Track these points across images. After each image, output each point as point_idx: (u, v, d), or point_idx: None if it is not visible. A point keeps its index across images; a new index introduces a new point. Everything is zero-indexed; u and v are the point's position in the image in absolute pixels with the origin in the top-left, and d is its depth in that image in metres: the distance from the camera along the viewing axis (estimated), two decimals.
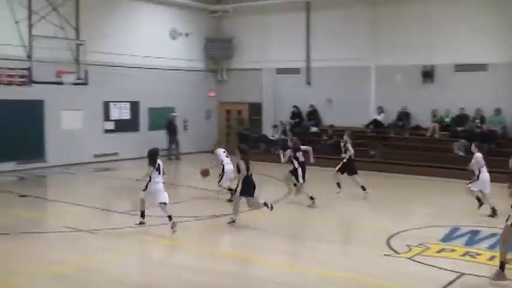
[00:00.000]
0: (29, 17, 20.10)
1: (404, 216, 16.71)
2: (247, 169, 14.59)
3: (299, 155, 17.42)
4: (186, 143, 29.66)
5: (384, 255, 12.00)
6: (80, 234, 14.04)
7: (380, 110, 27.85)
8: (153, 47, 29.80)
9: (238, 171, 14.97)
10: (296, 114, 29.97)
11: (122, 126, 28.22)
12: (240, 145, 16.34)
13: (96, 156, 24.81)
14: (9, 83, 23.55)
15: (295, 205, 17.60)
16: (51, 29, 21.00)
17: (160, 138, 29.08)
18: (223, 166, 17.76)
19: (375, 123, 27.75)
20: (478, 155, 16.14)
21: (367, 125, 27.81)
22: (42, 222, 16.23)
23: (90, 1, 24.97)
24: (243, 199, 14.77)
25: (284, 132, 28.67)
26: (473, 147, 16.57)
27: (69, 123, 25.84)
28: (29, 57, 20.14)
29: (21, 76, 23.58)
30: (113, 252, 12.66)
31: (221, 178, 17.73)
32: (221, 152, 18.12)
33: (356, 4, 28.49)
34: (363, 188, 18.83)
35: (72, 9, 21.50)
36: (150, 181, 13.99)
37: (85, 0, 22.66)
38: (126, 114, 28.87)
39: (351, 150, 19.10)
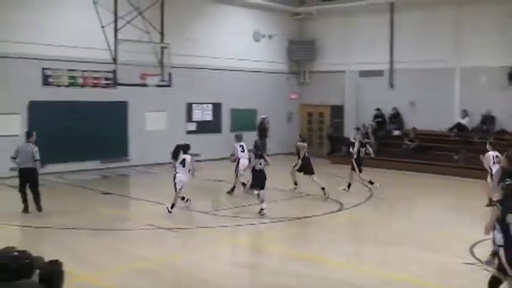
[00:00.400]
0: (115, 22, 20.73)
1: None
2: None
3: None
4: (268, 145, 29.85)
5: (465, 263, 11.73)
6: (162, 232, 14.57)
7: (464, 113, 27.25)
8: (236, 49, 30.22)
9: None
10: (378, 117, 29.75)
11: (204, 127, 28.74)
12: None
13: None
14: (95, 85, 24.53)
15: (376, 208, 17.56)
16: (136, 32, 21.60)
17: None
18: (239, 159, 19.32)
19: (459, 126, 27.18)
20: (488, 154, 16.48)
21: (451, 129, 27.28)
22: (125, 220, 16.86)
23: (175, 5, 25.54)
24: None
25: (366, 135, 28.51)
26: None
27: (153, 124, 26.58)
28: (114, 60, 20.78)
29: (107, 78, 24.53)
30: (194, 250, 13.16)
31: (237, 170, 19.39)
32: (238, 146, 19.63)
33: (440, 4, 28.03)
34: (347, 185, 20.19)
35: (157, 13, 22.03)
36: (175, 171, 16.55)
37: (170, 5, 23.16)
38: (208, 116, 29.40)
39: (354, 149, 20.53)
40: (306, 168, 19.31)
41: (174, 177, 16.51)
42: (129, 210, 18.72)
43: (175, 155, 17.00)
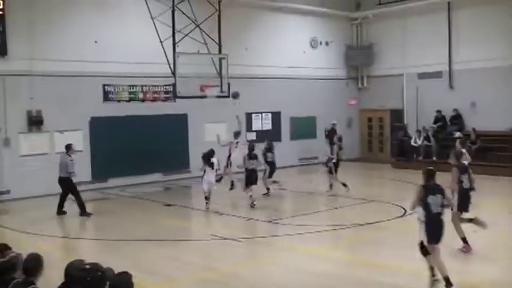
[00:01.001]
0: (173, 36, 20.93)
1: None
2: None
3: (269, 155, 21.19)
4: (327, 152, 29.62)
5: None
6: (226, 242, 14.64)
7: None
8: (293, 56, 30.29)
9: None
10: (439, 119, 29.25)
11: (264, 136, 28.72)
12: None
13: (238, 166, 25.35)
14: (155, 99, 24.91)
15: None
16: (194, 45, 21.78)
17: (302, 146, 29.57)
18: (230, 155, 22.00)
19: None
20: None
21: None
22: (189, 230, 17.10)
23: (232, 16, 25.71)
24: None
25: (427, 138, 28.16)
26: None
27: (212, 135, 26.66)
28: (173, 73, 20.95)
29: (166, 92, 24.89)
30: (259, 259, 13.19)
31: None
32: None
33: (499, 0, 27.44)
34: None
35: (214, 24, 22.17)
36: (204, 174, 18.94)
37: (226, 16, 23.29)
38: (267, 125, 29.46)
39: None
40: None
41: (205, 180, 18.85)
42: (193, 221, 18.87)
43: (207, 160, 18.92)
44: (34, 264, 6.54)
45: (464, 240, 12.94)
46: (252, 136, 28.43)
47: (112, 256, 13.10)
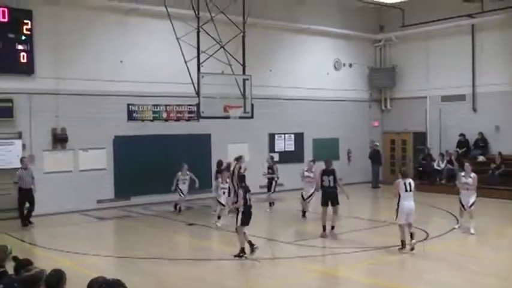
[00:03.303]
0: (198, 56, 21.09)
1: None
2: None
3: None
4: (350, 174, 29.62)
5: None
6: (246, 263, 14.66)
7: None
8: (317, 78, 30.39)
9: None
10: (463, 142, 29.08)
11: (287, 157, 28.82)
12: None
13: (261, 187, 25.42)
14: (178, 119, 25.11)
15: (463, 238, 17.19)
16: (218, 65, 21.92)
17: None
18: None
19: None
20: None
21: None
22: (211, 250, 17.13)
23: (256, 37, 25.85)
24: None
25: (450, 162, 28.00)
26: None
27: (236, 156, 26.78)
28: (197, 93, 21.09)
29: (190, 112, 25.06)
30: (280, 281, 13.21)
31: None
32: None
33: None
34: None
35: (238, 45, 22.30)
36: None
37: (251, 37, 23.42)
38: (290, 146, 29.52)
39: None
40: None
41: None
42: (214, 241, 18.89)
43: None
44: (56, 280, 6.63)
45: None
46: (275, 157, 28.49)
47: (134, 274, 13.19)
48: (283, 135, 29.41)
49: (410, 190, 15.79)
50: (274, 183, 23.58)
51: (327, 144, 30.52)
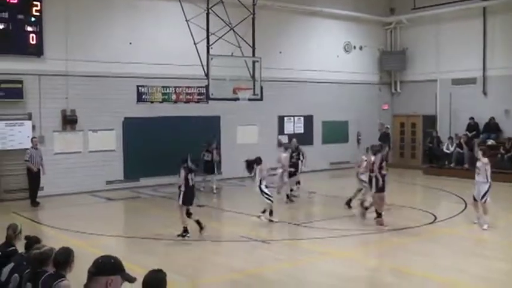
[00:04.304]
0: (207, 38, 21.06)
1: None
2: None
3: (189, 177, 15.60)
4: (360, 157, 29.48)
5: None
6: (255, 244, 14.75)
7: None
8: (327, 61, 30.28)
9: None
10: (472, 126, 28.98)
11: (296, 140, 28.71)
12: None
13: (271, 169, 25.45)
14: (188, 101, 25.12)
15: (470, 220, 17.17)
16: (228, 48, 21.89)
17: (334, 151, 29.56)
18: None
19: None
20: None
21: None
22: (219, 232, 17.17)
23: (266, 19, 25.81)
24: None
25: (459, 145, 27.92)
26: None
27: (244, 138, 26.92)
28: (207, 75, 21.07)
29: (199, 94, 25.08)
30: (287, 262, 13.27)
31: None
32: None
33: None
34: None
35: (248, 28, 22.25)
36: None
37: (261, 19, 23.37)
38: (300, 128, 29.49)
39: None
40: None
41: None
42: (223, 223, 19.00)
43: (249, 169, 17.25)
44: (65, 258, 6.69)
45: None
46: (284, 139, 28.49)
47: (143, 254, 13.29)
48: (292, 118, 29.38)
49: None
50: (301, 165, 22.85)
51: (337, 126, 30.51)
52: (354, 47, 32.03)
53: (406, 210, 18.88)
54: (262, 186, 16.82)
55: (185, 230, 15.02)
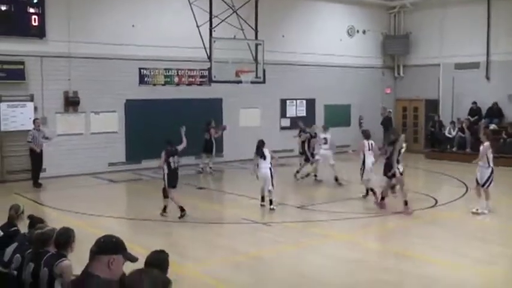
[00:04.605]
0: (210, 21, 21.02)
1: None
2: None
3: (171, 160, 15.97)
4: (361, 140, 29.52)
5: None
6: (256, 226, 14.82)
7: None
8: (329, 44, 30.20)
9: None
10: (474, 110, 28.94)
11: (298, 123, 28.70)
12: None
13: (272, 152, 25.46)
14: (190, 83, 25.12)
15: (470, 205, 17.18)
16: (231, 30, 21.85)
17: (336, 134, 29.47)
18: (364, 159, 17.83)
19: None
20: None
21: None
22: (221, 214, 17.30)
23: (269, 2, 25.67)
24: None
25: (461, 130, 27.90)
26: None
27: (247, 121, 26.92)
28: (209, 58, 21.06)
29: (202, 76, 25.06)
30: (288, 244, 13.28)
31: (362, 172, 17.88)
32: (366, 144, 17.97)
33: None
34: None
35: (251, 10, 22.20)
36: (258, 167, 16.38)
37: (264, 2, 23.32)
38: (302, 112, 29.48)
39: None
40: None
41: (263, 175, 16.35)
42: (224, 205, 19.07)
43: (257, 151, 16.68)
44: (66, 238, 6.74)
45: None
46: (286, 123, 28.53)
47: (146, 235, 13.35)
48: (294, 101, 29.37)
49: (372, 150, 17.57)
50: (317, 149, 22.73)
51: (339, 110, 30.48)
52: (357, 31, 31.92)
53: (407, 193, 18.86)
54: (272, 169, 16.60)
55: (182, 209, 15.21)
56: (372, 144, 17.64)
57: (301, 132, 22.26)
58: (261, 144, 16.69)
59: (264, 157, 16.40)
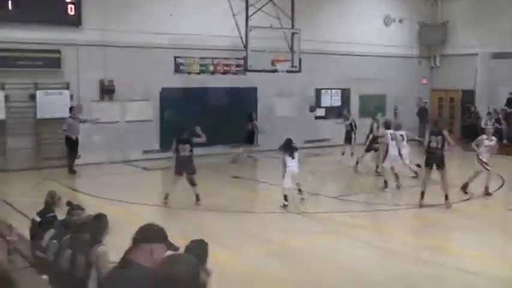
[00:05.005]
0: (246, 10, 20.99)
1: None
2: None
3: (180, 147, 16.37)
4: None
5: None
6: (291, 216, 14.79)
7: None
8: (366, 34, 29.91)
9: None
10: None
11: (333, 113, 28.62)
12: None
13: (307, 141, 25.41)
14: (225, 72, 25.07)
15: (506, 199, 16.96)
16: (267, 19, 21.78)
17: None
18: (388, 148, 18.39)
19: None
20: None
21: None
22: (256, 203, 17.30)
23: None
24: None
25: (498, 121, 27.47)
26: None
27: (282, 110, 26.78)
28: (245, 47, 21.05)
29: (237, 65, 24.98)
30: (323, 234, 13.25)
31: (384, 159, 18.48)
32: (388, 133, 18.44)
33: None
34: None
35: (287, 0, 22.15)
36: (284, 166, 15.58)
37: None
38: (337, 101, 29.30)
39: None
40: None
41: (287, 173, 15.54)
42: (259, 194, 19.04)
43: (284, 149, 15.92)
44: (99, 225, 6.77)
45: None
46: (321, 112, 28.38)
47: (178, 223, 13.37)
48: (329, 91, 29.20)
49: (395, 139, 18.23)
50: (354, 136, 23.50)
51: (374, 100, 30.17)
52: (394, 20, 31.59)
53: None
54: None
55: (165, 197, 15.73)
56: (398, 134, 18.35)
57: (372, 125, 21.44)
58: (289, 143, 15.99)
59: (292, 156, 15.77)
